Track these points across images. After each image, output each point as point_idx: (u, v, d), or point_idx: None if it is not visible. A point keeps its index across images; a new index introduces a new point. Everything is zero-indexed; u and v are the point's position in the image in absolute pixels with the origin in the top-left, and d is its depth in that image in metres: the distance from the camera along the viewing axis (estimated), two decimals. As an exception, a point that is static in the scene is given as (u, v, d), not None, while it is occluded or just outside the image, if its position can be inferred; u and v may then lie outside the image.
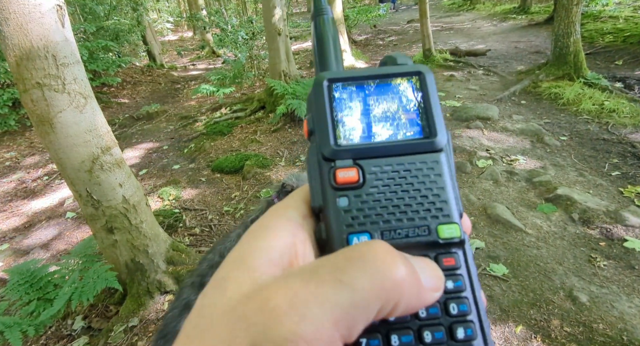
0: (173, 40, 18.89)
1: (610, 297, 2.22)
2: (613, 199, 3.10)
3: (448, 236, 0.24)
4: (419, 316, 0.23)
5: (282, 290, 0.19)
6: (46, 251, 3.50)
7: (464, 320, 0.23)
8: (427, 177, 0.25)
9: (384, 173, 0.25)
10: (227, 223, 3.51)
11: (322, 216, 0.25)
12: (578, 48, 5.61)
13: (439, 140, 0.26)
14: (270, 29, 6.01)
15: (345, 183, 0.25)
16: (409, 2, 21.61)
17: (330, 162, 0.25)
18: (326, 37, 0.32)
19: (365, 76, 0.27)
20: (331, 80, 0.27)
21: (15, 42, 1.84)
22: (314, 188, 0.26)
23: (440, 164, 0.26)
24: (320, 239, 0.25)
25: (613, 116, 4.56)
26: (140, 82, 9.81)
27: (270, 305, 0.18)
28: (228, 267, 0.22)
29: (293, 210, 0.25)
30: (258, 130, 5.58)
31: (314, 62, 0.32)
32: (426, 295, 0.21)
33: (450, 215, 0.25)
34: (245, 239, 0.23)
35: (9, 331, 1.99)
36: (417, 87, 0.27)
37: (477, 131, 4.61)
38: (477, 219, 3.04)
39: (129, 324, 2.40)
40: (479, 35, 10.51)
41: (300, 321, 0.17)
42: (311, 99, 0.27)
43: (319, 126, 0.26)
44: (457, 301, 0.23)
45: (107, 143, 2.27)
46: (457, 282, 0.24)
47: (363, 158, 0.25)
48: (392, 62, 0.29)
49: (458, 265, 0.24)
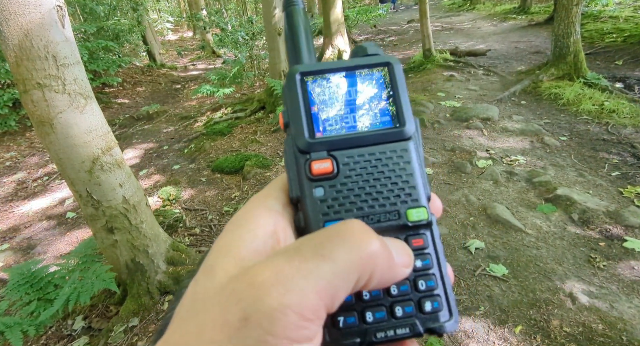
0: (173, 40, 18.89)
1: (610, 297, 2.22)
2: (613, 199, 3.11)
3: (416, 219, 0.26)
4: (390, 293, 0.25)
5: (268, 267, 0.20)
6: (46, 251, 3.50)
7: (431, 294, 0.25)
8: (397, 165, 0.27)
9: (356, 163, 0.27)
10: (227, 223, 3.51)
11: (300, 205, 0.26)
12: (578, 48, 5.62)
13: (407, 129, 0.27)
14: (270, 29, 6.02)
15: (320, 174, 0.26)
16: (409, 2, 21.62)
17: (306, 154, 0.26)
18: (298, 29, 0.31)
19: (336, 68, 0.28)
20: (303, 73, 0.28)
21: (16, 43, 1.85)
22: (291, 179, 0.27)
23: (409, 151, 0.27)
24: (299, 228, 0.26)
25: (613, 116, 4.56)
26: (140, 82, 9.81)
27: (257, 280, 0.19)
28: (215, 255, 0.23)
29: (273, 199, 0.26)
30: (258, 130, 5.59)
31: (287, 53, 0.32)
32: (397, 269, 0.23)
33: (418, 199, 0.27)
34: (229, 228, 0.25)
35: (10, 331, 1.99)
36: (386, 78, 0.29)
37: (477, 131, 4.61)
38: (477, 220, 3.04)
39: (129, 324, 2.40)
40: (479, 35, 10.51)
41: (287, 293, 0.19)
42: (285, 92, 0.28)
43: (294, 119, 0.27)
44: (425, 278, 0.26)
45: (108, 143, 2.27)
46: (425, 260, 0.26)
47: (336, 149, 0.27)
48: (363, 52, 0.30)
49: (426, 245, 0.26)
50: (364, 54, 0.29)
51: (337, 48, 9.11)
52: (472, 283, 2.45)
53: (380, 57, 0.29)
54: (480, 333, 2.12)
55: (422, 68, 7.75)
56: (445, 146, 4.30)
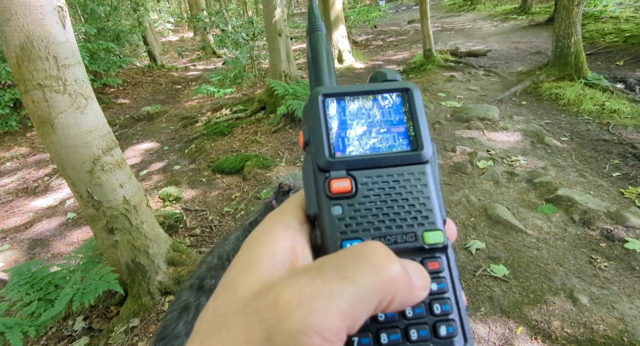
0: (174, 40, 18.91)
1: (611, 298, 2.22)
2: (614, 200, 3.10)
3: (433, 242, 0.26)
4: (406, 316, 0.25)
5: (291, 286, 0.20)
6: (47, 252, 3.50)
7: (446, 319, 0.25)
8: (414, 187, 0.27)
9: (374, 183, 0.27)
10: (228, 224, 3.51)
11: (317, 223, 0.27)
12: (579, 49, 5.61)
13: (425, 153, 0.28)
14: (270, 30, 6.02)
15: (339, 192, 0.27)
16: (410, 3, 21.62)
17: (325, 172, 0.27)
18: (320, 53, 0.33)
19: (358, 92, 0.29)
20: (326, 95, 0.29)
21: (17, 43, 1.85)
22: (309, 196, 0.27)
23: (426, 175, 0.28)
24: (316, 245, 0.26)
25: (614, 116, 4.56)
26: (140, 82, 9.82)
27: (281, 300, 0.20)
28: (236, 270, 0.24)
29: (290, 216, 0.27)
30: (258, 131, 5.59)
31: (308, 76, 0.34)
32: (416, 292, 0.23)
33: (435, 222, 0.27)
34: (248, 244, 0.25)
35: (10, 332, 1.99)
36: (405, 103, 0.30)
37: (478, 132, 4.60)
38: (478, 220, 3.04)
39: (130, 325, 2.40)
40: (480, 35, 10.51)
41: (310, 314, 0.19)
42: (307, 112, 0.29)
43: (315, 139, 0.28)
44: (441, 302, 0.26)
45: (108, 144, 2.27)
46: (441, 284, 0.26)
47: (355, 169, 0.27)
48: (382, 78, 0.31)
49: (442, 269, 0.27)
50: (383, 80, 0.31)
51: (338, 49, 9.12)
52: (473, 284, 2.45)
53: (400, 83, 0.30)
54: (481, 334, 2.11)
55: (423, 68, 7.74)
56: (445, 147, 4.30)
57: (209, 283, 1.29)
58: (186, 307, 1.23)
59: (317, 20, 0.35)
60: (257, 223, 1.45)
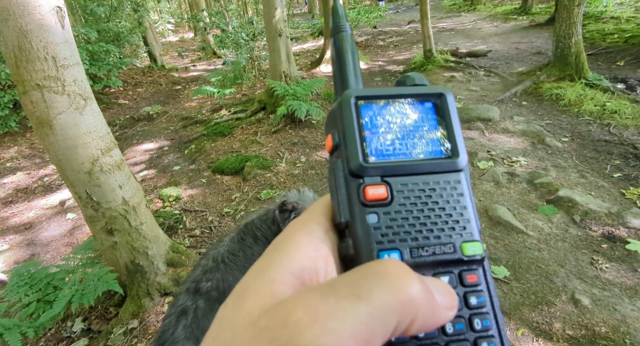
0: (174, 41, 18.92)
1: (613, 300, 2.20)
2: (615, 201, 3.09)
3: (472, 253, 0.25)
4: (446, 332, 0.24)
5: (303, 304, 0.19)
6: (46, 252, 3.50)
7: (487, 335, 0.24)
8: (451, 196, 0.26)
9: (410, 191, 0.26)
10: (228, 225, 3.50)
11: (350, 232, 0.25)
12: (579, 49, 5.60)
13: (461, 160, 0.27)
14: (270, 30, 6.02)
15: (374, 199, 0.25)
16: (410, 3, 21.63)
17: (359, 178, 0.26)
18: (346, 54, 0.32)
19: (390, 95, 0.28)
20: (358, 98, 0.28)
21: (15, 44, 1.84)
22: (340, 203, 0.26)
23: (462, 183, 0.27)
24: (347, 256, 0.25)
25: (615, 117, 4.55)
26: (141, 83, 9.82)
27: (292, 318, 0.19)
28: (251, 277, 0.23)
29: (314, 224, 0.26)
30: (258, 131, 5.58)
31: (333, 77, 0.32)
32: (441, 312, 0.22)
33: (472, 233, 0.26)
34: (268, 252, 0.24)
35: (9, 333, 1.98)
36: (439, 108, 0.29)
37: (478, 132, 4.59)
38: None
39: (129, 326, 2.39)
40: (480, 36, 10.50)
41: (322, 334, 0.18)
42: (337, 115, 0.28)
43: (347, 143, 0.26)
44: (481, 317, 0.24)
45: (107, 145, 2.26)
46: (480, 298, 0.25)
47: (390, 175, 0.26)
48: (411, 82, 0.30)
49: (479, 282, 0.25)
50: (412, 84, 0.30)
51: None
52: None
53: (434, 87, 0.29)
54: (481, 336, 2.10)
55: (423, 69, 7.74)
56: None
57: (205, 285, 1.28)
58: (184, 311, 1.22)
59: (341, 21, 0.34)
60: (252, 225, 1.44)
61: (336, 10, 0.34)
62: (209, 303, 1.24)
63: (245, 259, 1.35)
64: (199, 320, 1.20)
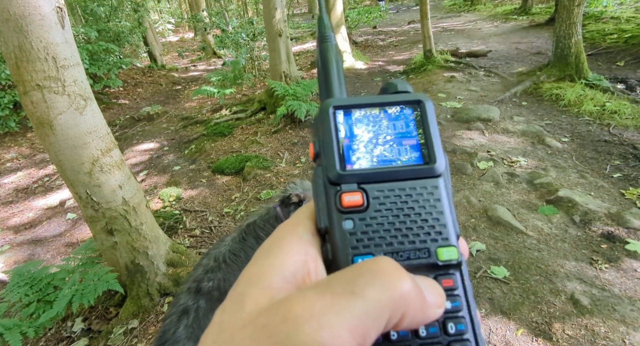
0: (174, 41, 18.92)
1: (612, 300, 2.21)
2: (615, 201, 3.09)
3: (447, 258, 0.26)
4: (419, 335, 0.24)
5: (300, 302, 0.20)
6: (46, 252, 3.50)
7: (461, 339, 0.24)
8: (427, 201, 0.27)
9: (386, 197, 0.26)
10: (228, 225, 3.50)
11: (328, 237, 0.26)
12: (579, 49, 5.60)
13: (438, 166, 0.27)
14: (270, 30, 6.02)
15: (350, 206, 0.26)
16: (410, 3, 21.62)
17: (336, 186, 0.27)
18: (331, 63, 0.33)
19: (369, 104, 0.29)
20: (336, 107, 0.28)
21: (16, 44, 1.84)
22: (320, 210, 0.27)
23: (439, 189, 0.27)
24: (327, 259, 0.26)
25: (614, 117, 4.55)
26: (141, 83, 9.82)
27: (290, 315, 0.19)
28: (245, 283, 0.23)
29: (302, 228, 0.27)
30: (258, 131, 5.58)
31: (318, 86, 0.34)
32: (430, 310, 0.22)
33: (448, 238, 0.26)
34: (259, 256, 0.25)
35: (9, 333, 1.98)
36: (417, 115, 0.29)
37: (478, 132, 4.60)
38: (478, 221, 3.03)
39: (129, 326, 2.39)
40: (480, 36, 10.50)
41: (320, 329, 0.19)
42: (317, 124, 0.28)
43: (325, 151, 0.27)
44: (455, 321, 0.25)
45: (107, 145, 2.26)
46: (455, 302, 0.25)
47: (367, 183, 0.27)
48: (393, 89, 0.30)
49: (456, 286, 0.26)
50: (394, 91, 0.30)
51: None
52: (473, 285, 2.44)
53: (412, 95, 0.29)
54: (481, 336, 2.10)
55: (423, 69, 7.74)
56: (446, 147, 4.29)
57: (207, 285, 1.28)
58: (185, 310, 1.22)
59: (326, 31, 0.35)
60: (255, 225, 1.44)
61: (321, 21, 0.35)
62: (210, 303, 1.25)
63: (246, 260, 1.35)
64: (200, 319, 1.20)
